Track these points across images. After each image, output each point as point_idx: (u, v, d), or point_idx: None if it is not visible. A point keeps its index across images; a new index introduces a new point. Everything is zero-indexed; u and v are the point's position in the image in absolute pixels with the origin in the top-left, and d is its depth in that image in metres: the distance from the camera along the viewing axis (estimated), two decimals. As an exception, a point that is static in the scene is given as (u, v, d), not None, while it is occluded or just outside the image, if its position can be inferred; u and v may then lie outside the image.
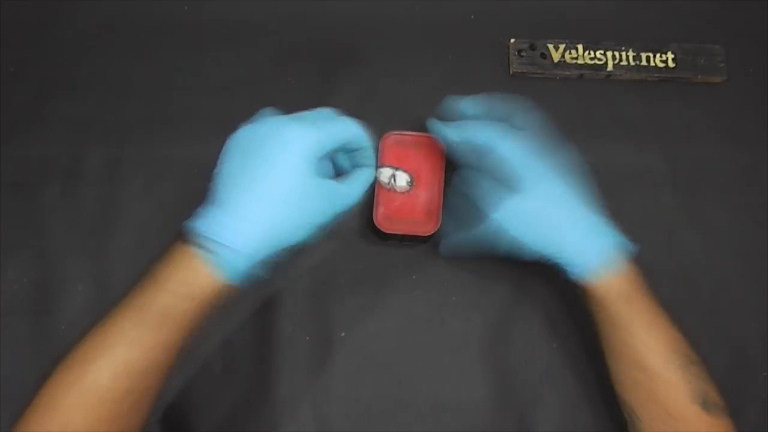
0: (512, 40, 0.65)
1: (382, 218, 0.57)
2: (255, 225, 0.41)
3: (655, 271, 0.60)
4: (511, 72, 0.65)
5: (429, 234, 0.57)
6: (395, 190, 0.57)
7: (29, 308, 0.58)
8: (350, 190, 0.47)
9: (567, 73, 0.65)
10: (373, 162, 0.50)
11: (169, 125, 0.63)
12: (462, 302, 0.59)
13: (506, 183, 0.49)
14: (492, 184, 0.50)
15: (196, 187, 0.62)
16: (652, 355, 0.47)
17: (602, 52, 0.65)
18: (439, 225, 0.56)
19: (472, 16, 0.67)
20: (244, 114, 0.64)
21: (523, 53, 0.65)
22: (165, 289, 0.41)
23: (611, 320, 0.48)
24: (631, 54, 0.65)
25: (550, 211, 0.49)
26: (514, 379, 0.58)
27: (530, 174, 0.49)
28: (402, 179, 0.57)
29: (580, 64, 0.65)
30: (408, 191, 0.57)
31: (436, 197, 0.57)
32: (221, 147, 0.63)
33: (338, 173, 0.51)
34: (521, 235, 0.49)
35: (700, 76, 0.65)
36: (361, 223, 0.60)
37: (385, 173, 0.57)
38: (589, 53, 0.65)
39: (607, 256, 0.49)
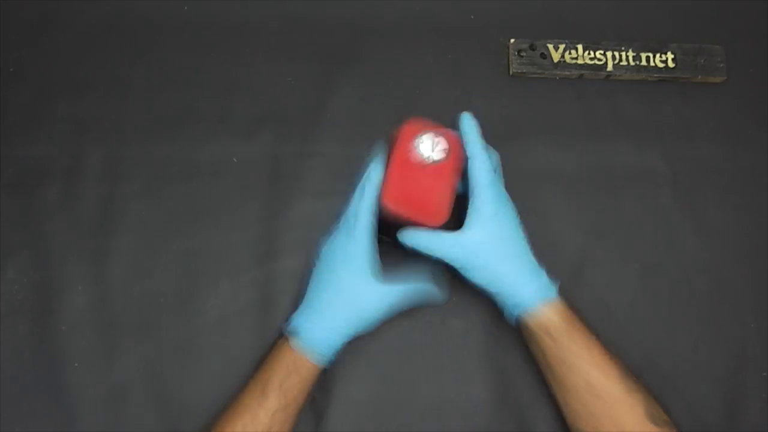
0: (512, 40, 0.65)
1: (392, 197, 0.52)
2: (337, 328, 0.52)
3: (655, 271, 0.61)
4: (511, 72, 0.65)
5: (433, 226, 0.53)
6: (430, 160, 0.52)
7: (29, 308, 0.58)
8: (406, 291, 0.53)
9: (567, 73, 0.65)
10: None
11: (169, 125, 0.63)
12: (462, 302, 0.59)
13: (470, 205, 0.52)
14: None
15: (196, 187, 0.62)
16: (602, 378, 0.50)
17: (602, 52, 0.65)
18: (445, 220, 0.53)
19: (472, 16, 0.67)
20: (244, 114, 0.64)
21: (523, 53, 0.65)
22: (275, 370, 0.52)
23: (556, 351, 0.51)
24: (631, 54, 0.65)
25: (496, 248, 0.52)
26: (514, 379, 0.58)
27: (487, 209, 0.51)
28: (441, 146, 0.52)
29: (580, 64, 0.65)
30: (444, 160, 0.52)
31: (449, 190, 0.53)
32: (221, 147, 0.63)
33: None
34: (466, 265, 0.52)
35: (700, 76, 0.65)
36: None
37: (427, 144, 0.52)
38: (589, 53, 0.65)
39: (542, 292, 0.52)
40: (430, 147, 0.52)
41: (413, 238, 0.52)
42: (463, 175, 0.54)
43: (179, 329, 0.58)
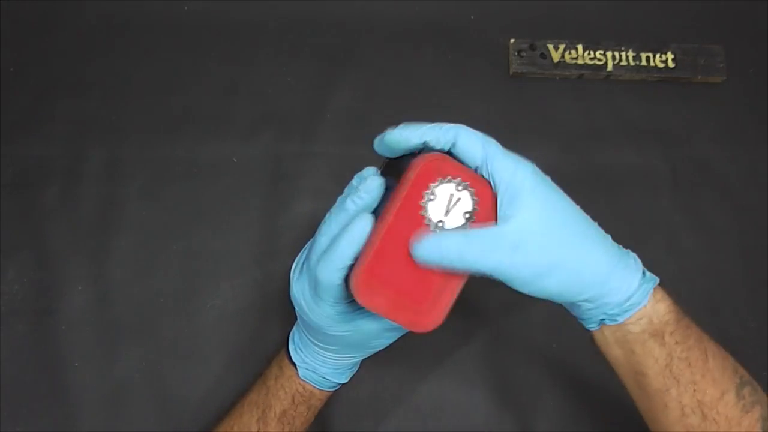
0: (512, 40, 0.65)
1: (363, 281, 0.36)
2: (347, 359, 0.47)
3: (655, 271, 0.61)
4: (511, 72, 0.65)
5: (419, 329, 0.38)
6: (440, 227, 0.36)
7: (29, 308, 0.58)
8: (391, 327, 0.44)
9: (567, 73, 0.65)
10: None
11: (169, 125, 0.63)
12: (462, 302, 0.59)
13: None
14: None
15: (196, 187, 0.62)
16: (716, 395, 0.40)
17: (602, 52, 0.65)
18: (438, 323, 0.38)
19: (472, 16, 0.67)
20: (244, 114, 0.64)
21: (523, 53, 0.65)
22: (280, 397, 0.48)
23: (665, 361, 0.39)
24: (631, 54, 0.65)
25: (557, 234, 0.38)
26: (514, 379, 0.58)
27: (525, 182, 0.38)
28: (463, 207, 0.36)
29: (580, 64, 0.65)
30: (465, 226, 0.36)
31: (456, 285, 0.38)
32: (221, 147, 0.63)
33: None
34: (521, 273, 0.38)
35: (700, 76, 0.65)
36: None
37: (441, 198, 0.36)
38: (589, 53, 0.65)
39: (644, 283, 0.40)
40: (444, 205, 0.36)
41: (433, 248, 0.36)
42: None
43: (179, 329, 0.58)
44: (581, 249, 0.38)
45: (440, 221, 0.36)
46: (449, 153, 0.39)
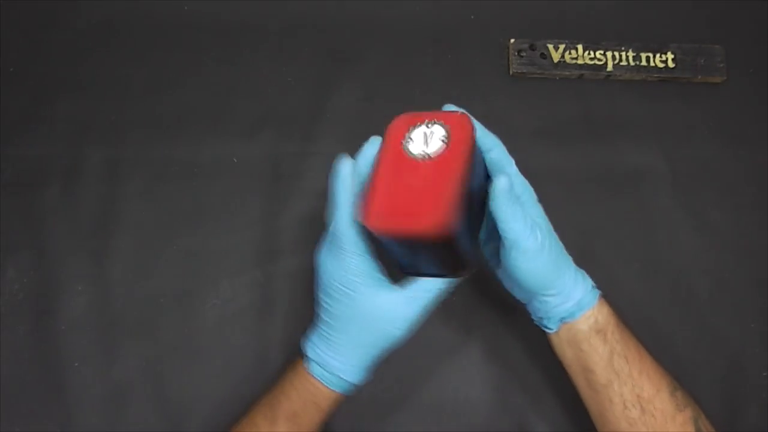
0: (512, 40, 0.65)
1: (374, 214, 0.40)
2: (363, 354, 0.46)
3: (655, 271, 0.61)
4: (511, 72, 0.65)
5: (435, 234, 0.39)
6: (425, 157, 0.41)
7: (29, 308, 0.58)
8: (428, 287, 0.45)
9: (567, 73, 0.65)
10: None
11: (169, 125, 0.63)
12: (462, 302, 0.59)
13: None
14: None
15: (196, 187, 0.62)
16: (653, 391, 0.46)
17: (602, 52, 0.65)
18: (450, 222, 0.39)
19: (472, 16, 0.67)
20: (244, 114, 0.64)
21: (523, 53, 0.65)
22: (291, 398, 0.48)
23: (607, 358, 0.46)
24: (631, 54, 0.65)
25: (540, 263, 0.45)
26: (514, 379, 0.58)
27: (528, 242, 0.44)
28: (438, 135, 0.41)
29: (580, 64, 0.65)
30: (443, 151, 0.41)
31: (453, 185, 0.40)
32: (221, 147, 0.63)
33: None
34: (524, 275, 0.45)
35: (700, 76, 0.65)
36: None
37: (418, 137, 0.42)
38: (589, 53, 0.65)
39: (592, 292, 0.48)
40: (422, 140, 0.42)
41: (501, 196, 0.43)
42: (475, 166, 0.43)
43: (179, 329, 0.58)
44: (559, 244, 0.48)
45: (422, 151, 0.41)
46: None
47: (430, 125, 0.42)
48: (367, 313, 0.45)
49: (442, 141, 0.41)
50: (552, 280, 0.46)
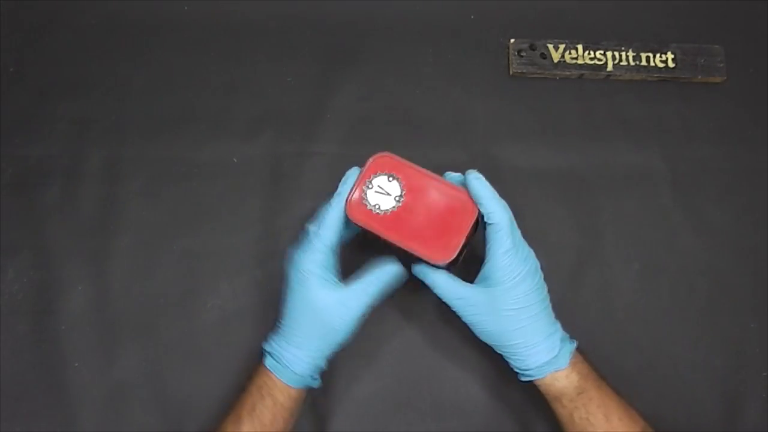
0: (512, 40, 0.65)
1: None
2: (310, 347, 0.50)
3: (656, 271, 0.61)
4: (511, 72, 0.65)
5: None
6: (378, 210, 0.49)
7: (29, 308, 0.58)
8: (368, 285, 0.50)
9: (567, 73, 0.65)
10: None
11: (169, 125, 0.63)
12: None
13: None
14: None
15: (196, 187, 0.62)
16: None
17: (602, 52, 0.65)
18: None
19: (472, 16, 0.67)
20: (244, 114, 0.64)
21: (523, 53, 0.65)
22: (251, 392, 0.51)
23: (569, 419, 0.49)
24: (631, 54, 0.65)
25: (511, 316, 0.48)
26: (514, 379, 0.58)
27: (507, 281, 0.48)
28: (396, 192, 0.49)
29: (580, 64, 0.65)
30: (394, 210, 0.49)
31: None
32: (221, 147, 0.63)
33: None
34: (476, 324, 0.50)
35: (700, 76, 0.65)
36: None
37: (375, 189, 0.49)
38: (589, 53, 0.65)
39: (553, 362, 0.49)
40: (380, 193, 0.49)
41: (428, 275, 0.50)
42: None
43: (179, 329, 0.58)
44: (521, 328, 0.50)
45: (376, 204, 0.49)
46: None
47: (390, 179, 0.49)
48: (315, 305, 0.49)
49: (396, 201, 0.49)
50: (512, 336, 0.49)
